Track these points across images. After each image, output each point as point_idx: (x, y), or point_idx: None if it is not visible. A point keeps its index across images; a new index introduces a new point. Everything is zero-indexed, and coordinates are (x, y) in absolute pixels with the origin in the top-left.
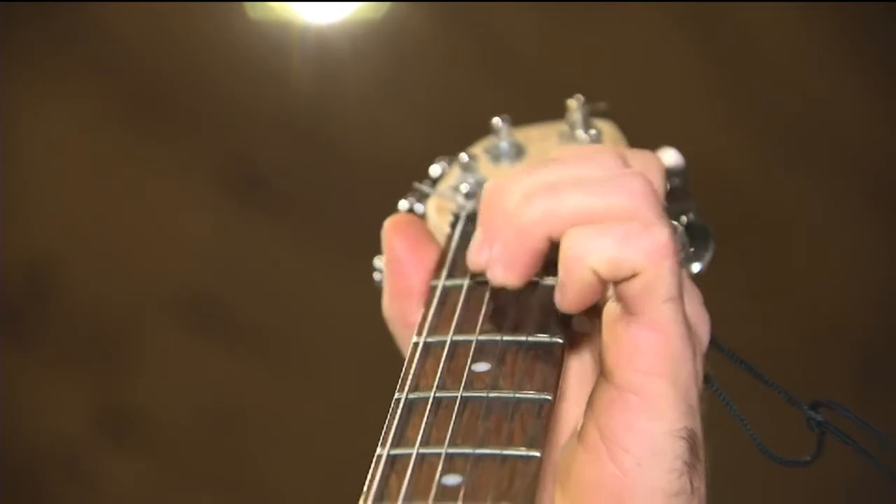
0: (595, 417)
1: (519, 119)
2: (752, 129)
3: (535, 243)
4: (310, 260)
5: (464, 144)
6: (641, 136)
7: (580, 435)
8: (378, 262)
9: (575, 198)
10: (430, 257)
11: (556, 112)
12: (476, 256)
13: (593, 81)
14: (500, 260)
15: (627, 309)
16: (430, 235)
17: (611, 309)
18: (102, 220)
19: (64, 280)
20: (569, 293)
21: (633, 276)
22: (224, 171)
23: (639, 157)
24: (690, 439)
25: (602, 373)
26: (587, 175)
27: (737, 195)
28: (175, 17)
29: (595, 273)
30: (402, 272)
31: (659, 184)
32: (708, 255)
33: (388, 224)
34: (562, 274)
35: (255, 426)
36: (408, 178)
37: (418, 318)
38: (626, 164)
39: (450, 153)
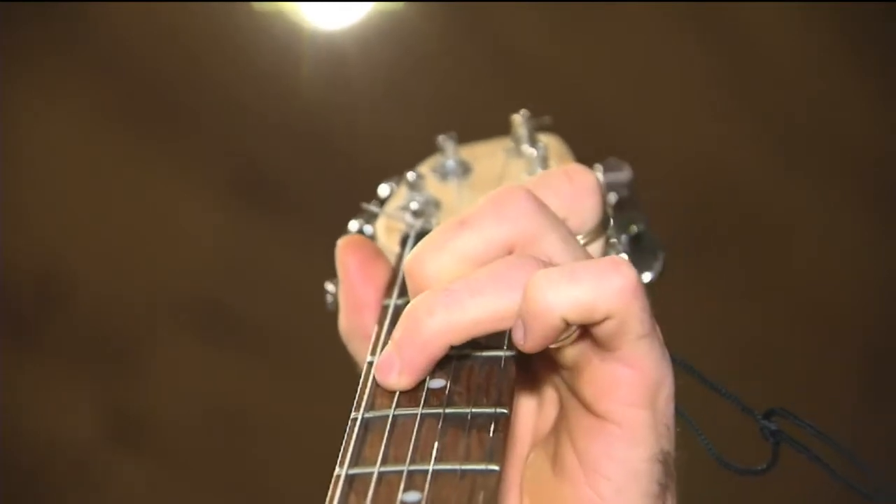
0: (573, 443)
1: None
2: (753, 128)
3: (436, 353)
4: (315, 263)
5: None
6: (643, 136)
7: (556, 458)
8: (329, 285)
9: (474, 306)
10: (382, 273)
11: (563, 117)
12: (385, 373)
13: (603, 85)
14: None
15: (601, 346)
16: (380, 253)
17: (581, 344)
18: (108, 223)
19: (70, 283)
20: (533, 340)
21: (606, 319)
22: (230, 174)
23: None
24: (665, 461)
25: (578, 401)
26: (480, 272)
27: (738, 195)
28: (179, 18)
29: (565, 320)
30: (355, 287)
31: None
32: (658, 265)
33: (340, 244)
34: (525, 320)
35: (262, 429)
36: None
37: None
38: (537, 202)
39: None
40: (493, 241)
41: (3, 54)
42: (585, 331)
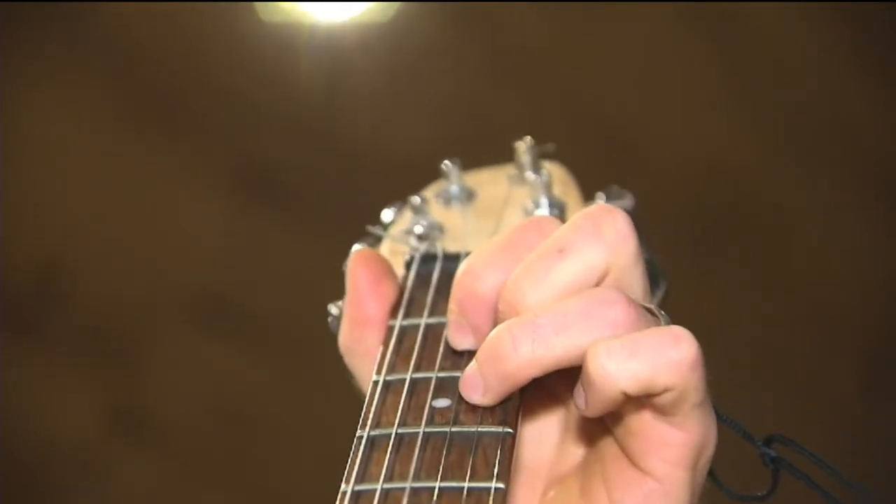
0: (608, 491)
1: (525, 118)
2: (754, 128)
3: (520, 384)
4: (319, 259)
5: (472, 143)
6: (647, 135)
7: (588, 499)
8: (332, 307)
9: (560, 343)
10: (391, 291)
11: (562, 114)
12: (470, 391)
13: (602, 83)
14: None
15: (655, 411)
16: (391, 271)
17: (639, 406)
18: (110, 219)
19: (74, 280)
20: (594, 407)
21: (664, 391)
22: (233, 171)
23: (599, 218)
24: None
25: (622, 451)
26: (568, 305)
27: (738, 195)
28: (180, 15)
29: (625, 394)
30: (363, 302)
31: (626, 232)
32: (660, 293)
33: (355, 256)
34: (587, 389)
35: (265, 425)
36: (417, 176)
37: (374, 349)
38: (632, 225)
39: (458, 152)
40: (594, 269)
41: (6, 51)
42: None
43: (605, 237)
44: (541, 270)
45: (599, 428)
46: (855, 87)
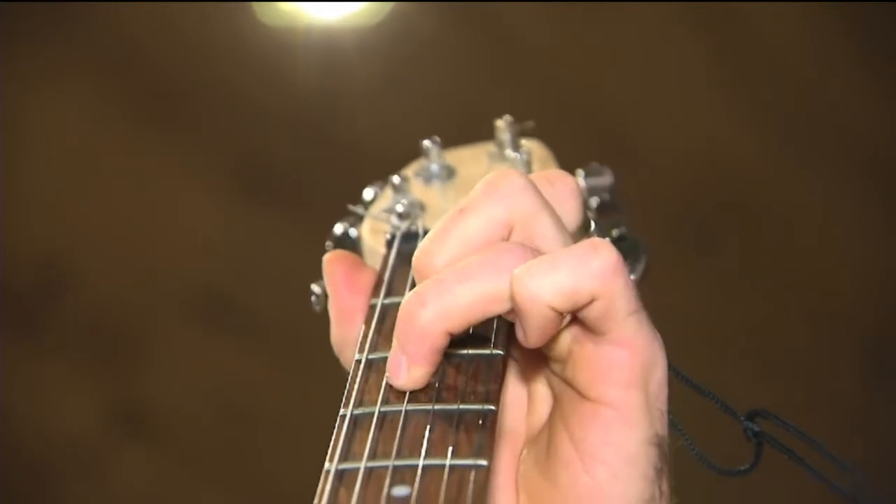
0: (569, 433)
1: (524, 115)
2: (756, 124)
3: (438, 342)
4: (319, 255)
5: (470, 140)
6: (646, 132)
7: (550, 450)
8: (315, 287)
9: (464, 291)
10: (368, 281)
11: (560, 110)
12: (393, 374)
13: (599, 78)
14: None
15: (592, 330)
16: (363, 263)
17: (575, 331)
18: (113, 216)
19: (74, 278)
20: (532, 334)
21: (592, 301)
22: (234, 168)
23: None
24: (660, 445)
25: (573, 390)
26: (469, 259)
27: (738, 189)
28: (183, 17)
29: (553, 309)
30: (343, 296)
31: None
32: (640, 267)
33: (327, 258)
34: (519, 315)
35: (266, 422)
36: None
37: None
38: (529, 180)
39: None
40: (494, 220)
41: (7, 44)
42: (576, 318)
43: (501, 192)
44: (443, 232)
45: (556, 379)
46: (854, 84)
